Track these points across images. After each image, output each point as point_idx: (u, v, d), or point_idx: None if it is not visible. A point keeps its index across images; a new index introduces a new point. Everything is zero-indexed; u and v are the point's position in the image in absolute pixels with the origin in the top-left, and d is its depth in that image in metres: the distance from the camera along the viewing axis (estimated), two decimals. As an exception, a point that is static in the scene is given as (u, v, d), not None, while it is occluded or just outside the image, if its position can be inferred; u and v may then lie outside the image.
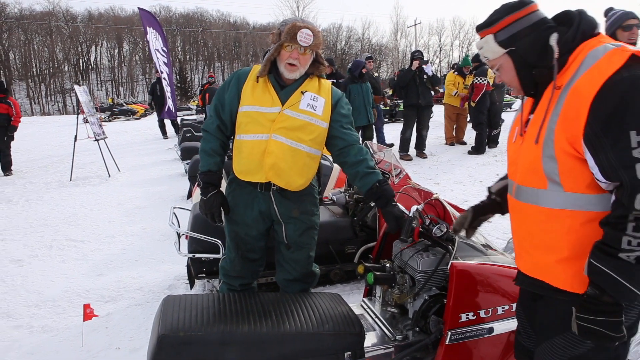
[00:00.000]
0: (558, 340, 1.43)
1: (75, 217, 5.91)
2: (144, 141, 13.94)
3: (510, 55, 1.40)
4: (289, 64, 2.19)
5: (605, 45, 1.26)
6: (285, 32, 2.13)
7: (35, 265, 4.36)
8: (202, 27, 66.47)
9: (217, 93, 2.36)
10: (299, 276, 2.48)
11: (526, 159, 1.41)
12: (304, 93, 2.26)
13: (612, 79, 1.18)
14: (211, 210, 2.31)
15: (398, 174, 3.70)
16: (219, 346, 1.71)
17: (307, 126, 2.25)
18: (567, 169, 1.29)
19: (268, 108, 2.23)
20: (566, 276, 1.36)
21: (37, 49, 58.45)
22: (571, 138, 1.26)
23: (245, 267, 2.47)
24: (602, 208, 1.29)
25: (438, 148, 9.51)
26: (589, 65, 1.25)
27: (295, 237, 2.39)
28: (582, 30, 1.33)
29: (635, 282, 1.18)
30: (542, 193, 1.36)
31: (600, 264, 1.21)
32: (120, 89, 62.31)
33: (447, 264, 2.00)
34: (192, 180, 5.91)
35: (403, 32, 57.55)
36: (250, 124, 2.23)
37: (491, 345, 2.06)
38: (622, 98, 1.17)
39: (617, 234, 1.19)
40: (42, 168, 9.44)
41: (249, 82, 2.28)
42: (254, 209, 2.34)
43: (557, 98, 1.31)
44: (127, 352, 2.83)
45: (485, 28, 1.43)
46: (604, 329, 1.24)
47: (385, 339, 2.15)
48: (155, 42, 10.15)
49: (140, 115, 24.84)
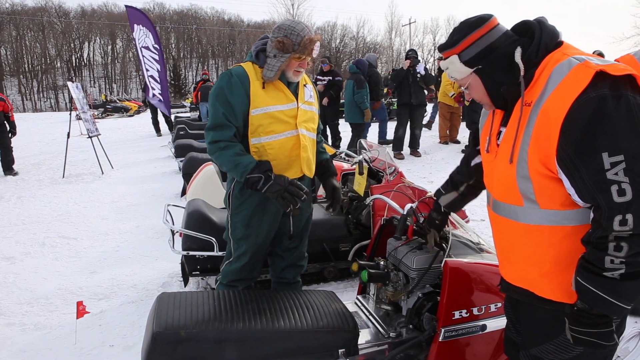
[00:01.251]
0: (548, 347, 1.46)
1: (68, 215, 5.87)
2: (137, 138, 13.86)
3: (477, 74, 1.38)
4: (297, 71, 2.28)
5: (569, 60, 1.24)
6: (302, 47, 2.18)
7: (28, 263, 4.33)
8: (196, 24, 66.16)
9: (218, 99, 2.21)
10: (294, 260, 2.59)
11: (501, 176, 1.41)
12: (306, 86, 2.42)
13: (580, 99, 1.16)
14: (289, 185, 2.15)
15: (392, 172, 3.71)
16: (213, 343, 1.71)
17: (314, 116, 2.44)
18: (541, 188, 1.29)
19: (286, 105, 2.29)
20: (551, 287, 1.38)
21: (29, 44, 57.88)
22: (544, 159, 1.25)
23: (254, 271, 2.52)
24: (579, 222, 1.29)
25: (432, 147, 9.54)
26: (555, 83, 1.23)
27: (301, 227, 2.52)
28: (544, 42, 1.31)
29: (621, 298, 1.19)
30: (519, 210, 1.37)
31: (586, 282, 1.22)
32: (113, 85, 61.88)
33: (441, 262, 2.01)
34: (186, 178, 5.88)
35: (398, 31, 57.65)
36: (274, 124, 2.25)
37: (484, 342, 2.08)
38: (590, 119, 1.15)
39: (600, 254, 1.19)
40: (34, 165, 9.37)
41: (254, 83, 2.24)
42: (272, 210, 2.37)
43: (527, 116, 1.29)
44: (120, 349, 2.83)
45: (449, 48, 1.40)
46: (597, 340, 1.26)
47: (379, 336, 2.16)
48: (145, 39, 10.10)
49: (133, 112, 24.66)
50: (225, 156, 2.18)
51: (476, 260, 2.08)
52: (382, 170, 3.82)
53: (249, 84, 2.22)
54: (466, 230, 2.44)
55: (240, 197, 2.37)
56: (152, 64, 10.20)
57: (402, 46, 57.28)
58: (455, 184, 1.92)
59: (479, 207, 5.31)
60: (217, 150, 2.19)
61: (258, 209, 2.35)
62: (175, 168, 8.33)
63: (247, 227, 2.37)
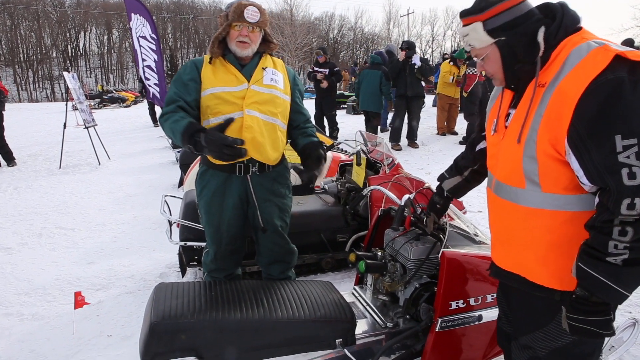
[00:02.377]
0: (539, 335, 1.47)
1: (65, 205, 5.86)
2: (134, 129, 13.79)
3: (497, 46, 1.34)
4: (239, 42, 2.25)
5: (588, 43, 1.24)
6: (232, 12, 2.20)
7: (25, 254, 4.32)
8: (193, 14, 65.63)
9: (175, 82, 2.27)
10: (278, 257, 2.54)
11: (507, 157, 1.40)
12: (265, 69, 2.34)
13: (597, 80, 1.16)
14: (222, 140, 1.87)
15: (390, 164, 3.71)
16: (211, 333, 1.72)
17: (274, 99, 2.33)
18: (546, 170, 1.29)
19: (235, 87, 2.26)
20: (544, 273, 1.38)
21: (24, 34, 57.28)
22: (553, 140, 1.24)
23: (227, 260, 2.49)
24: (580, 208, 1.29)
25: (429, 138, 9.54)
26: (573, 65, 1.22)
27: (270, 219, 2.42)
28: (564, 25, 1.29)
29: (622, 284, 1.19)
30: (521, 192, 1.37)
31: (588, 267, 1.22)
32: (110, 76, 61.47)
33: (438, 253, 2.02)
34: (183, 169, 5.87)
35: (396, 22, 57.28)
36: (220, 105, 2.24)
37: (480, 332, 2.10)
38: (607, 100, 1.14)
39: (604, 238, 1.19)
40: (30, 156, 9.31)
41: (207, 67, 2.29)
42: (233, 195, 2.34)
43: (540, 96, 1.28)
44: (118, 339, 2.84)
45: (473, 14, 1.34)
46: (595, 328, 1.26)
47: (376, 326, 2.18)
48: (143, 28, 10.02)
49: (130, 102, 24.51)
50: (167, 126, 2.13)
51: (473, 251, 2.09)
52: (379, 161, 3.82)
53: (201, 67, 2.28)
54: (463, 221, 2.44)
55: (201, 182, 2.39)
56: (149, 54, 10.13)
57: (400, 37, 56.96)
58: (459, 169, 1.91)
59: (476, 199, 5.33)
60: (163, 123, 2.17)
61: (217, 193, 2.33)
62: (173, 159, 8.30)
63: (208, 213, 2.37)
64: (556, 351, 1.44)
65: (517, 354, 1.57)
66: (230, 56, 2.31)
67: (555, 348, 1.43)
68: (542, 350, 1.47)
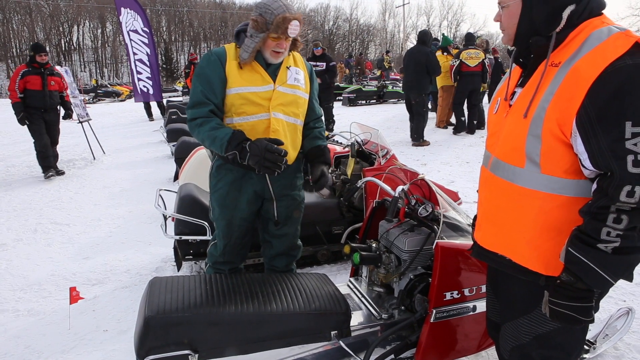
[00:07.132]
0: (523, 321, 1.47)
1: (59, 201, 5.84)
2: (129, 123, 13.72)
3: (523, 1, 1.32)
4: (274, 51, 2.19)
5: (609, 28, 1.23)
6: (275, 25, 2.09)
7: (20, 249, 4.31)
8: (188, 6, 65.10)
9: (199, 78, 2.20)
10: (285, 249, 2.53)
11: (510, 133, 1.39)
12: (289, 68, 2.30)
13: (615, 64, 1.15)
14: (267, 148, 2.06)
15: (384, 155, 3.71)
16: (206, 327, 1.72)
17: (297, 100, 2.32)
18: (549, 150, 1.28)
19: (261, 87, 2.22)
20: (530, 255, 1.37)
21: (17, 28, 56.73)
22: (561, 119, 1.23)
23: (235, 254, 2.48)
24: (575, 193, 1.29)
25: (426, 130, 9.52)
26: (591, 46, 1.21)
27: (286, 214, 2.43)
28: (590, 7, 1.28)
29: (610, 272, 1.20)
30: (519, 171, 1.36)
31: (578, 253, 1.22)
32: (104, 70, 60.94)
33: (433, 244, 2.02)
34: (178, 162, 5.85)
35: (391, 13, 57.18)
36: (245, 106, 2.20)
37: (475, 322, 2.10)
38: (622, 85, 1.14)
39: (598, 225, 1.19)
40: (24, 151, 9.25)
41: (231, 62, 2.21)
42: (248, 191, 2.33)
43: (553, 75, 1.26)
44: (114, 334, 2.84)
45: None
46: (576, 314, 1.26)
47: (372, 317, 2.18)
48: (134, 22, 9.96)
49: (125, 96, 24.38)
50: (203, 132, 2.15)
51: (467, 242, 2.09)
52: (374, 152, 3.81)
53: (225, 63, 2.20)
54: (458, 212, 2.44)
55: (217, 175, 2.36)
56: (140, 48, 10.07)
57: (395, 28, 56.82)
58: None
59: (471, 190, 5.34)
60: (195, 127, 2.17)
61: (233, 188, 2.32)
62: (168, 153, 8.27)
63: (222, 206, 2.35)
64: (539, 337, 1.44)
65: (504, 341, 1.58)
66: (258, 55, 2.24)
67: (538, 334, 1.44)
68: (526, 336, 1.47)
